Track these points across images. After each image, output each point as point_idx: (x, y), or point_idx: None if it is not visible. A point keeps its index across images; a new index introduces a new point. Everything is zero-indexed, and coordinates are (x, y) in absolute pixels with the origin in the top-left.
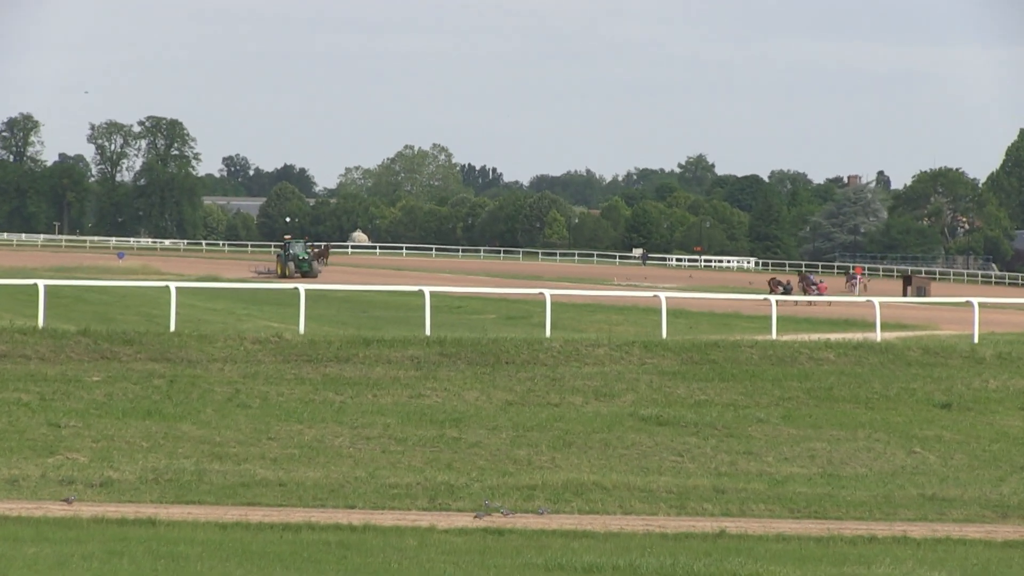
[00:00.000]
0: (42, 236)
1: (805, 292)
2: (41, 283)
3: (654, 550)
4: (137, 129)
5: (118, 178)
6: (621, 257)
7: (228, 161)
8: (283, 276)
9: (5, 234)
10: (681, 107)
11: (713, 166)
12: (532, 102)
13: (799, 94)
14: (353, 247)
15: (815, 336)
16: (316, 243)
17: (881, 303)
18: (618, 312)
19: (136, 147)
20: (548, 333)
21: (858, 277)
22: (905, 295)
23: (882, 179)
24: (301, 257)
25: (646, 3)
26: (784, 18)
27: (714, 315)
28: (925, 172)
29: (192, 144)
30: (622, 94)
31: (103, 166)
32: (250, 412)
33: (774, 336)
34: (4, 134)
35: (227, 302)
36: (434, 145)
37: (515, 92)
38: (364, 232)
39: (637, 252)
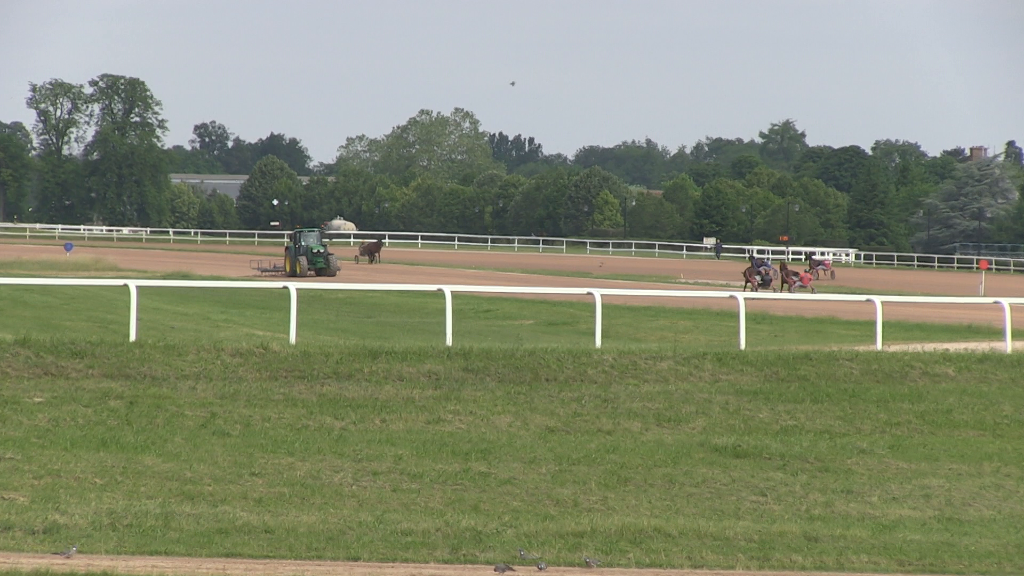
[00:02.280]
0: None
1: (784, 283)
2: None
3: None
4: (89, 91)
5: (65, 151)
6: (689, 248)
7: (201, 130)
8: (294, 275)
9: None
10: (763, 63)
11: (803, 135)
12: (578, 56)
13: (908, 46)
14: (336, 237)
15: (930, 346)
16: (346, 235)
17: (989, 305)
18: (685, 316)
19: (87, 113)
20: (598, 343)
21: (823, 267)
22: None
23: (1013, 151)
24: (315, 250)
25: None
26: None
27: (804, 320)
28: None
29: (157, 109)
30: (690, 46)
31: (46, 136)
32: (229, 441)
33: (879, 346)
34: None
35: (200, 305)
36: (456, 110)
37: (556, 44)
38: (348, 219)
39: (709, 242)
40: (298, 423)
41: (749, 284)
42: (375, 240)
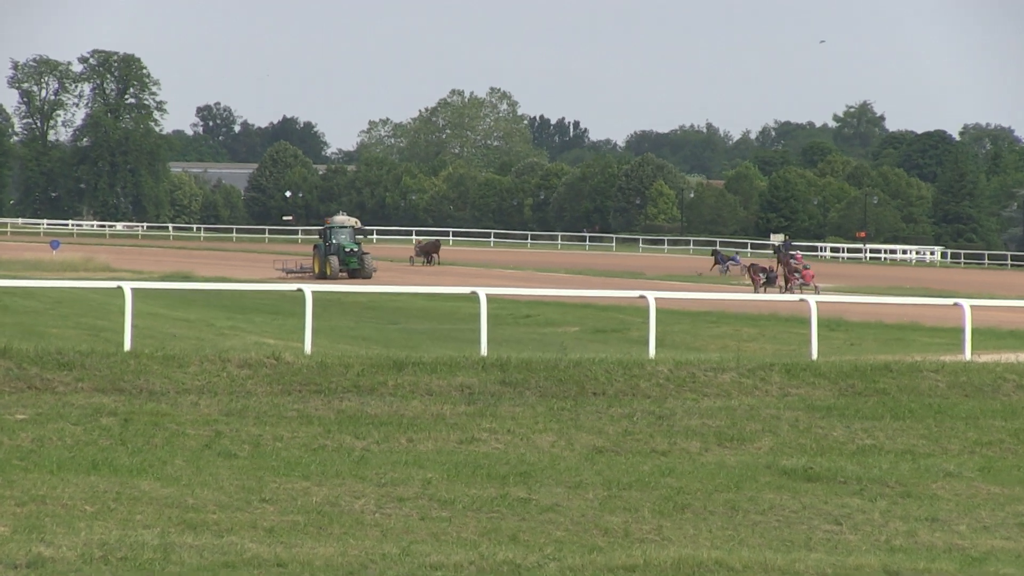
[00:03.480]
0: None
1: (786, 281)
2: None
3: None
4: (78, 68)
5: (51, 137)
6: (754, 246)
7: (204, 113)
8: (323, 277)
9: None
10: (837, 37)
11: (882, 119)
12: (628, 29)
13: (999, 18)
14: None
15: None
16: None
17: None
18: (750, 323)
19: (77, 93)
20: (652, 353)
21: (734, 260)
22: None
23: None
24: (348, 249)
25: None
26: None
27: (883, 327)
28: None
29: (154, 90)
30: (754, 19)
31: (29, 120)
32: (236, 464)
33: (968, 356)
34: None
35: (204, 310)
36: (492, 90)
37: (604, 15)
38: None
39: (777, 239)
40: (314, 443)
41: (754, 283)
42: (433, 239)
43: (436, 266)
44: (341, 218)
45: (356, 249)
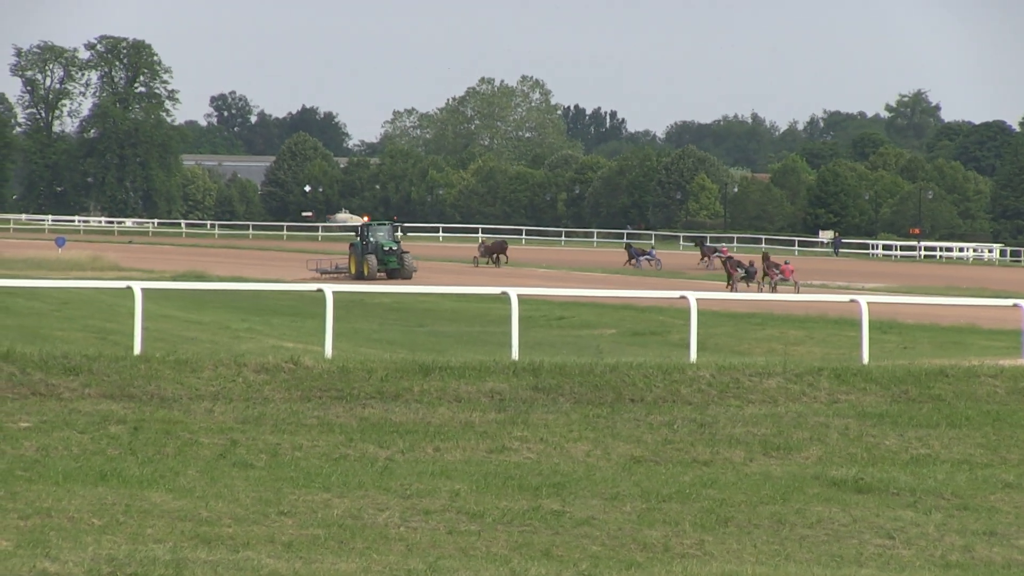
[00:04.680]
0: None
1: (766, 275)
2: None
3: None
4: (85, 55)
5: (56, 128)
6: (802, 243)
7: (219, 103)
8: (360, 277)
9: None
10: (888, 23)
11: (937, 108)
12: (668, 14)
13: None
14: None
15: None
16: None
17: None
18: (797, 325)
19: (83, 82)
20: (693, 357)
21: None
22: None
23: None
24: (387, 248)
25: None
26: None
27: (939, 329)
28: None
29: (166, 78)
30: (801, 5)
31: (34, 110)
32: (252, 474)
33: None
34: None
35: (218, 312)
36: (524, 78)
37: (643, 1)
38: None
39: (826, 236)
40: (335, 452)
41: (731, 278)
42: (500, 239)
43: (503, 268)
44: (344, 216)
45: (395, 248)
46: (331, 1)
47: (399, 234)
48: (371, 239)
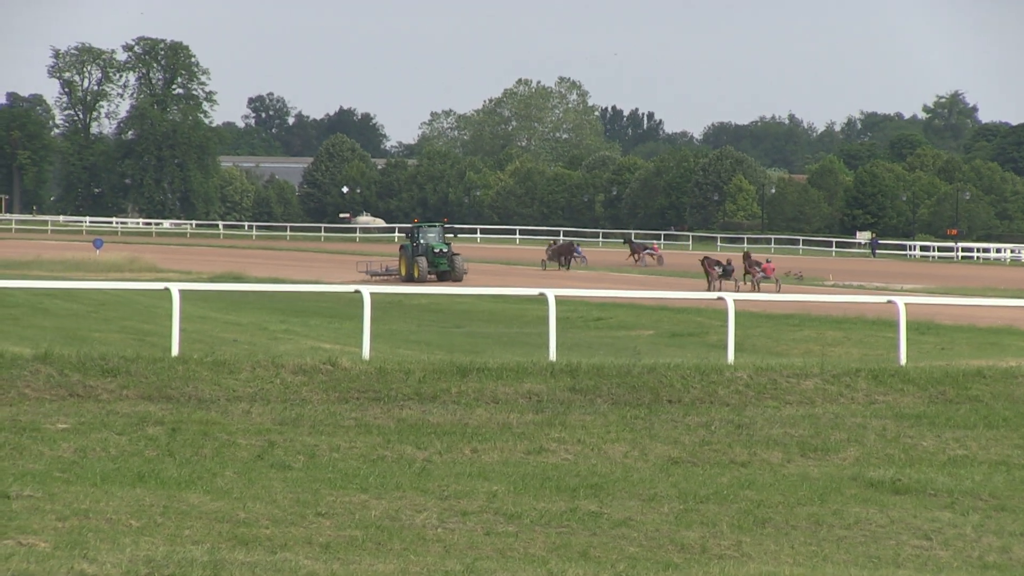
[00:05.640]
0: None
1: (747, 274)
2: None
3: None
4: (123, 57)
5: (94, 129)
6: (839, 244)
7: (256, 104)
8: (411, 279)
9: None
10: (925, 23)
11: (974, 110)
12: (705, 15)
13: None
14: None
15: None
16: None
17: None
18: (835, 326)
19: (121, 83)
20: (731, 358)
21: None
22: None
23: None
24: (438, 250)
25: None
26: None
27: (976, 330)
28: None
29: (203, 80)
30: (838, 6)
31: (71, 111)
32: (290, 476)
33: None
34: None
35: (256, 313)
36: (561, 80)
37: (680, 2)
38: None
39: (863, 237)
40: (372, 454)
41: (710, 276)
42: (567, 240)
43: (571, 270)
44: (365, 218)
45: (446, 250)
46: (369, 3)
47: (450, 236)
48: (421, 241)
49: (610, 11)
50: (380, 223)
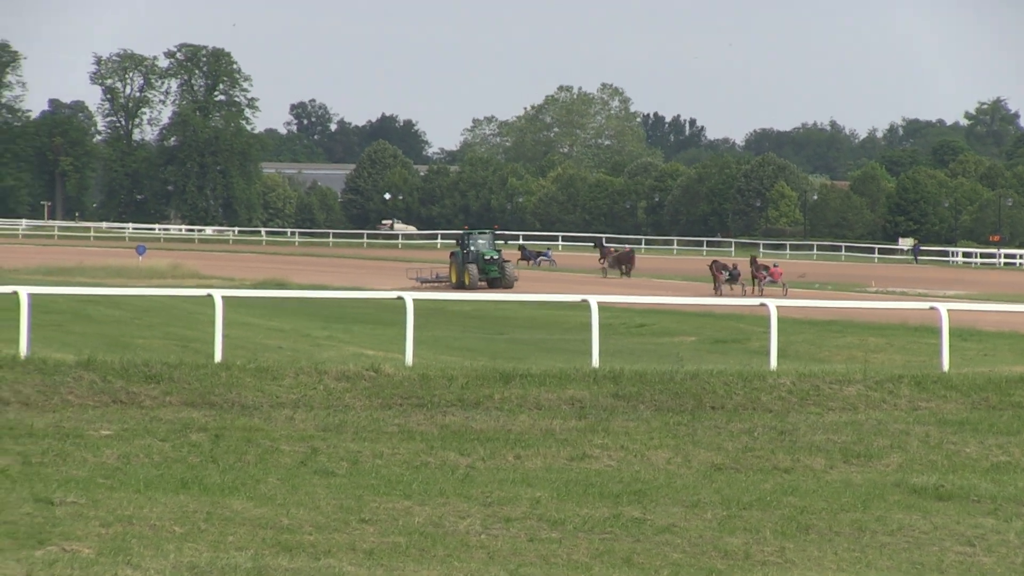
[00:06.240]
0: (24, 222)
1: (754, 278)
2: (24, 291)
3: None
4: (165, 63)
5: (136, 136)
6: (882, 250)
7: (298, 111)
8: (461, 287)
9: None
10: (967, 29)
11: (1016, 116)
12: (747, 22)
13: None
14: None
15: None
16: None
17: None
18: (877, 332)
19: (163, 90)
20: (774, 364)
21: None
22: None
23: None
24: (488, 257)
25: None
26: None
27: (1019, 337)
28: None
29: (245, 86)
30: (879, 11)
31: (114, 118)
32: (334, 482)
33: None
34: None
35: (299, 319)
36: (603, 86)
37: (722, 9)
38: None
39: (906, 243)
40: (416, 460)
41: (716, 281)
42: (627, 248)
43: (631, 278)
44: (398, 226)
45: (496, 257)
46: (411, 9)
47: (500, 243)
48: (471, 248)
49: (652, 17)
50: (411, 230)
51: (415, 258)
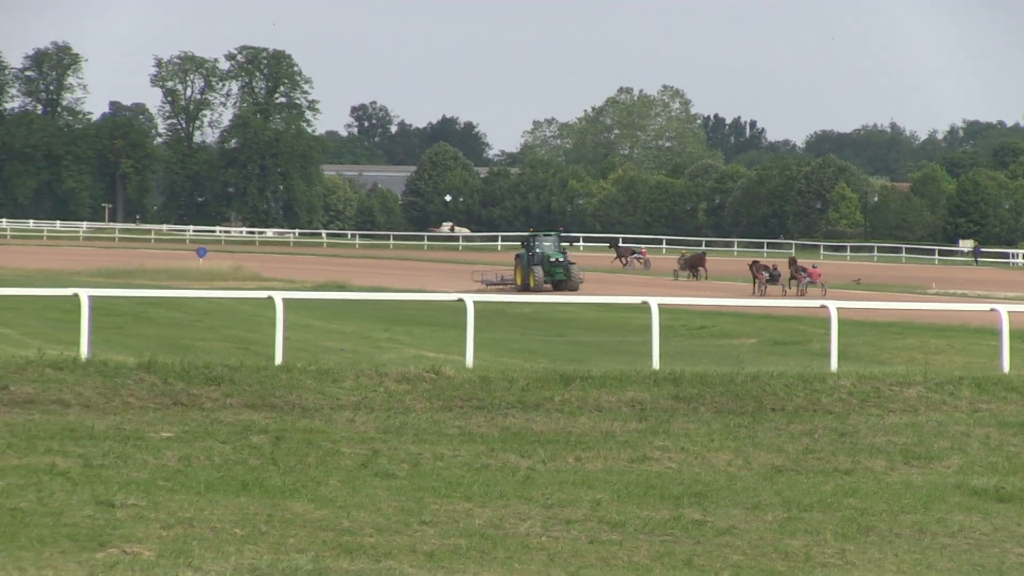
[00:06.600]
0: (85, 224)
1: (793, 279)
2: (85, 293)
3: None
4: (225, 66)
5: (197, 138)
6: (942, 252)
7: (359, 113)
8: (527, 289)
9: (32, 222)
10: None
11: None
12: (806, 24)
13: None
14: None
15: None
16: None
17: None
18: (937, 334)
19: (223, 92)
20: (834, 366)
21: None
22: None
23: None
24: (554, 259)
25: None
26: None
27: None
28: None
29: (306, 88)
30: (939, 9)
31: (174, 120)
32: (394, 484)
33: None
34: (29, 74)
35: (360, 321)
36: (663, 88)
37: (782, 11)
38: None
39: (966, 245)
40: (476, 462)
41: (757, 281)
42: (699, 251)
43: (704, 281)
44: (448, 225)
45: (562, 259)
46: (471, 11)
47: (565, 245)
48: (537, 250)
49: (713, 19)
50: (465, 232)
51: (476, 260)
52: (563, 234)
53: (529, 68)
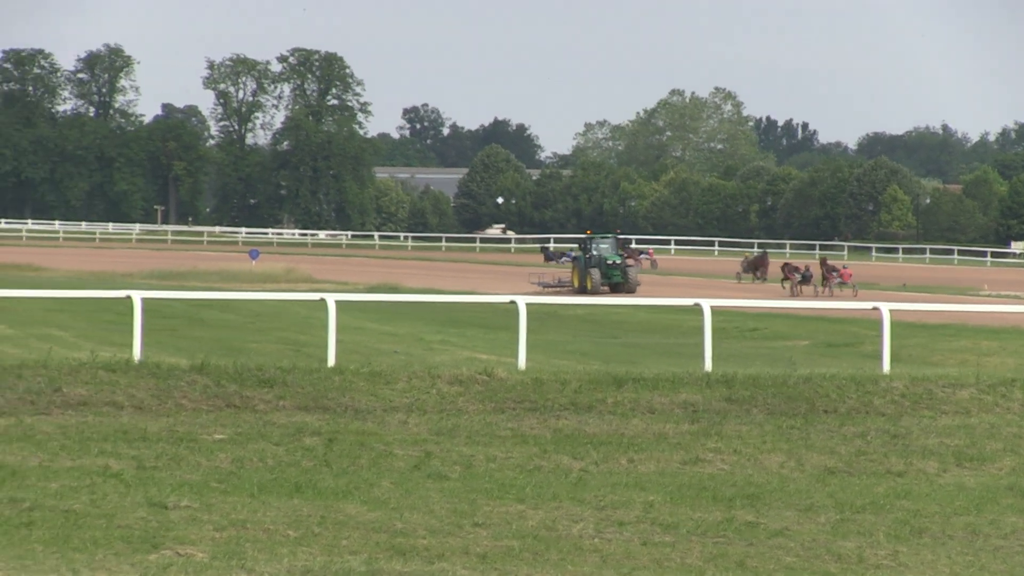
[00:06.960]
0: (138, 226)
1: (825, 279)
2: (137, 295)
3: None
4: (277, 68)
5: (249, 140)
6: (994, 254)
7: (411, 115)
8: (583, 291)
9: (84, 224)
10: None
11: None
12: (858, 26)
13: None
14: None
15: None
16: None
17: None
18: (991, 336)
19: (275, 94)
20: (886, 368)
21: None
22: None
23: None
24: (611, 261)
25: None
26: None
27: None
28: None
29: (358, 91)
30: (991, 12)
31: (226, 122)
32: (446, 486)
33: None
34: (81, 76)
35: (412, 323)
36: (715, 90)
37: (834, 13)
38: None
39: (1018, 247)
40: (529, 464)
41: (788, 282)
42: (761, 252)
43: (764, 283)
44: (495, 230)
45: (619, 261)
46: (523, 14)
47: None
48: (594, 252)
49: (765, 21)
50: (512, 235)
51: (528, 262)
52: (619, 236)
53: (581, 70)
